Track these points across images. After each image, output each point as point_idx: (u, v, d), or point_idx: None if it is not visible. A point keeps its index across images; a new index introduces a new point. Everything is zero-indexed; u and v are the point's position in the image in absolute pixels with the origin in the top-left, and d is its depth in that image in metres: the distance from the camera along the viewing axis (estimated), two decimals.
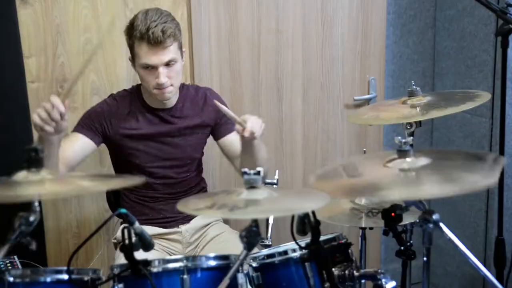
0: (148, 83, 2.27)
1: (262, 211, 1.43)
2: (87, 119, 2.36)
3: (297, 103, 3.21)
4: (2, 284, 1.47)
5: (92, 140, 2.33)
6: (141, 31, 2.18)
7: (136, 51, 2.24)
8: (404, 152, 1.59)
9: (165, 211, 2.45)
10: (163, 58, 2.19)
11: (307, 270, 1.69)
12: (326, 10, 3.16)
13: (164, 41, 2.17)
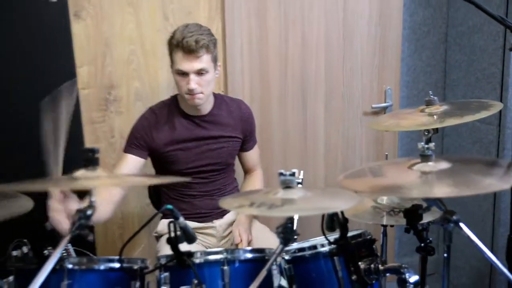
0: (181, 88, 2.28)
1: (298, 210, 1.42)
2: (133, 139, 2.36)
3: (320, 110, 3.21)
4: (61, 270, 1.48)
5: (140, 157, 2.34)
6: (178, 39, 2.20)
7: (173, 57, 2.26)
8: (426, 156, 1.58)
9: (200, 207, 2.45)
10: (194, 66, 2.20)
11: (336, 264, 1.69)
12: (347, 25, 3.16)
13: (196, 51, 2.18)
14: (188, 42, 2.16)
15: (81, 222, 1.35)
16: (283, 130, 3.16)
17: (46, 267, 1.25)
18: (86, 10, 2.74)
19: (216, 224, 2.46)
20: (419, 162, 1.62)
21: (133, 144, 2.34)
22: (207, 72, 2.24)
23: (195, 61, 2.20)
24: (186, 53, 2.19)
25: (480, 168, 1.65)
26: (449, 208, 1.63)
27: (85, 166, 1.42)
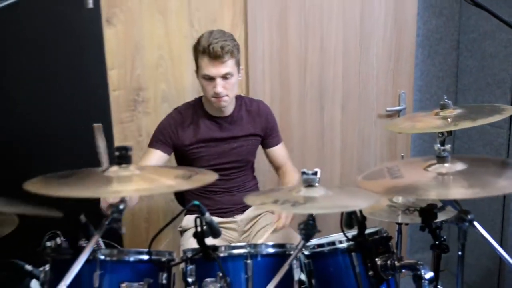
0: (207, 92, 2.28)
1: (319, 207, 1.41)
2: (159, 135, 2.37)
3: (337, 112, 3.20)
4: (94, 261, 1.48)
5: (165, 152, 2.35)
6: (204, 46, 2.20)
7: (199, 63, 2.26)
8: (442, 158, 1.56)
9: (222, 203, 2.44)
10: (220, 70, 2.20)
11: (353, 259, 1.69)
12: (364, 33, 3.15)
13: (222, 56, 2.18)
14: (214, 48, 2.17)
15: (114, 216, 1.35)
16: (301, 130, 3.16)
17: (81, 258, 1.26)
18: (118, 17, 2.76)
19: (237, 219, 2.45)
20: (435, 163, 1.59)
21: (159, 140, 2.35)
22: (231, 76, 2.24)
23: (221, 66, 2.20)
24: (212, 59, 2.19)
25: (495, 170, 1.62)
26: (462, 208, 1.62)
27: (118, 163, 1.42)
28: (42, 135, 2.72)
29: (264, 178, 2.91)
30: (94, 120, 2.75)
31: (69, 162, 2.73)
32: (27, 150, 2.71)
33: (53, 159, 2.74)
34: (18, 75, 2.65)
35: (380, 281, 1.68)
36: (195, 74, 2.38)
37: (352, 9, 3.09)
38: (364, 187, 1.53)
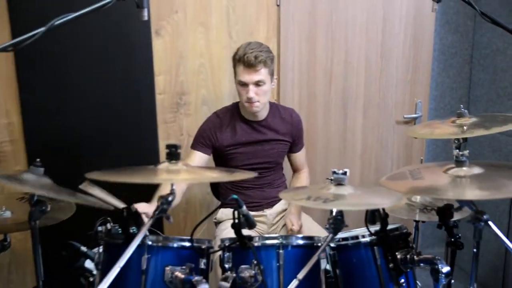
0: (242, 97, 2.28)
1: (348, 205, 1.39)
2: (199, 137, 2.37)
3: (358, 118, 3.17)
4: (143, 246, 1.49)
5: (205, 154, 2.35)
6: (240, 55, 2.21)
7: (236, 70, 2.26)
8: (461, 162, 1.53)
9: (253, 197, 2.43)
10: (253, 78, 2.20)
11: (375, 253, 1.66)
12: (385, 47, 3.11)
13: (255, 65, 2.18)
14: (249, 57, 2.17)
15: (164, 207, 1.35)
16: (326, 134, 3.13)
17: (134, 243, 1.26)
18: (165, 29, 2.78)
19: (267, 213, 2.44)
20: (454, 167, 1.56)
21: (200, 143, 2.35)
22: (264, 83, 2.23)
23: (254, 74, 2.19)
24: (246, 67, 2.19)
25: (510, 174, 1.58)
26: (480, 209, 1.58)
27: (168, 159, 1.42)
28: (96, 133, 2.76)
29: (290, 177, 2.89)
30: (140, 119, 2.82)
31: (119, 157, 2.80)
32: (85, 146, 2.75)
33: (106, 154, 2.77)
34: (78, 79, 2.69)
35: (400, 273, 1.65)
36: (232, 81, 2.37)
37: (374, 26, 3.06)
38: (388, 186, 1.50)
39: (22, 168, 2.72)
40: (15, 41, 1.43)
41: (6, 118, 2.70)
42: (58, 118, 2.70)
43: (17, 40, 1.43)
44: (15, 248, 2.84)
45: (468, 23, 3.40)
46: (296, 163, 2.58)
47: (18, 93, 2.67)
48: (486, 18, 1.98)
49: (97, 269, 1.59)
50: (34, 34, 1.43)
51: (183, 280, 1.44)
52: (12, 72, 2.65)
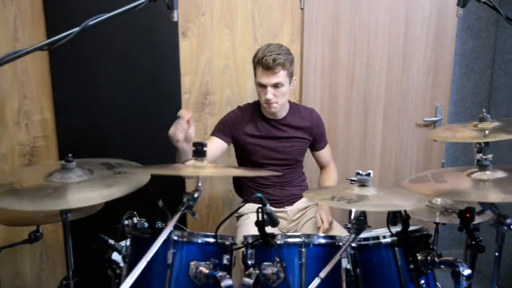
0: (260, 98, 2.28)
1: (372, 205, 1.37)
2: (221, 125, 2.38)
3: (379, 120, 3.12)
4: (169, 241, 1.48)
5: (224, 142, 2.34)
6: (259, 57, 2.20)
7: (255, 72, 2.26)
8: (484, 166, 1.49)
9: (273, 195, 2.41)
10: (271, 80, 2.19)
11: (396, 253, 1.63)
12: (407, 50, 3.06)
13: (273, 68, 2.16)
14: (267, 60, 2.16)
15: (189, 203, 1.35)
16: (346, 135, 3.10)
17: (160, 238, 1.25)
18: (192, 31, 2.78)
19: (287, 209, 2.42)
20: (477, 171, 1.52)
21: (220, 130, 2.35)
22: (282, 85, 2.22)
23: (272, 76, 2.18)
24: (265, 69, 2.19)
25: None
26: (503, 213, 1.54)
27: (195, 157, 1.41)
28: (123, 131, 2.78)
29: (310, 175, 2.87)
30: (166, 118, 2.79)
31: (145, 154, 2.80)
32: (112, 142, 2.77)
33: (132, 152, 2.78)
34: (107, 78, 2.71)
35: (420, 274, 1.62)
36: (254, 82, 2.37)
37: (396, 29, 3.02)
38: (411, 189, 1.47)
39: (54, 161, 2.75)
40: (50, 41, 1.44)
41: (40, 114, 2.73)
42: (88, 116, 2.72)
43: (52, 40, 1.44)
44: (47, 239, 2.88)
45: (490, 29, 3.33)
46: (321, 160, 2.56)
47: (51, 91, 2.70)
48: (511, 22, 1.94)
49: (124, 261, 1.59)
50: (68, 33, 1.44)
51: (208, 275, 1.44)
52: (47, 72, 2.68)
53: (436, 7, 3.03)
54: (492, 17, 3.31)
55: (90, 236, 1.68)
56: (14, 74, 2.67)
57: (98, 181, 1.51)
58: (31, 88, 2.70)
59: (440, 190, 1.50)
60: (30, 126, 2.74)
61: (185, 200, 1.36)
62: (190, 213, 1.38)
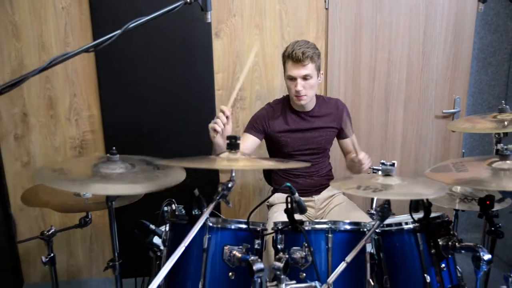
0: (290, 90, 2.23)
1: (397, 194, 1.32)
2: (253, 123, 2.33)
3: (399, 112, 3.03)
4: (204, 227, 1.47)
5: (257, 138, 2.30)
6: (289, 51, 2.16)
7: (285, 66, 2.21)
8: (505, 156, 1.42)
9: (302, 185, 2.36)
10: (301, 72, 2.14)
11: (418, 239, 1.58)
12: (426, 46, 2.95)
13: (303, 60, 2.12)
14: (297, 53, 2.11)
15: (224, 192, 1.33)
16: (368, 126, 3.03)
17: (198, 224, 1.24)
18: (224, 31, 2.76)
19: (315, 198, 2.37)
20: (498, 160, 1.45)
21: (253, 127, 2.31)
22: (311, 77, 2.17)
23: (302, 68, 2.14)
24: (294, 62, 2.14)
25: None
26: None
27: (229, 149, 1.39)
28: (162, 125, 2.79)
29: (335, 164, 2.81)
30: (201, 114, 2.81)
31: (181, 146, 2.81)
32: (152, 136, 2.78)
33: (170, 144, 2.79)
34: (147, 77, 2.72)
35: (441, 259, 1.56)
36: (283, 77, 2.32)
37: (416, 26, 2.91)
38: (433, 178, 1.41)
39: (100, 153, 2.79)
40: (95, 43, 1.43)
41: (88, 111, 2.77)
42: (130, 111, 2.74)
43: (97, 42, 1.43)
44: (96, 224, 2.93)
45: (508, 23, 3.18)
46: (347, 148, 2.45)
47: (98, 90, 2.73)
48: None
49: (164, 245, 1.59)
50: (111, 36, 1.43)
51: (240, 258, 1.42)
52: (93, 72, 2.71)
53: (456, 4, 2.91)
54: (510, 12, 3.16)
55: (133, 221, 1.69)
56: (66, 75, 2.71)
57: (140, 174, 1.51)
58: (80, 87, 2.74)
59: (461, 179, 1.43)
60: (79, 122, 2.78)
61: (220, 189, 1.34)
62: (225, 201, 1.36)
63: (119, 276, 1.72)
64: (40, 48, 2.65)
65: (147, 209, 1.79)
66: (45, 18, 2.63)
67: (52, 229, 1.97)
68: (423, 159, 3.10)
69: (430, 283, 1.55)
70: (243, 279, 1.45)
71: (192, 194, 1.46)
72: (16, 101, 2.71)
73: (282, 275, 1.33)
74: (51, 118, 2.76)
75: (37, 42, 2.64)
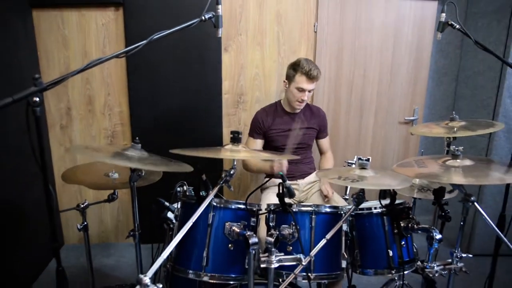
0: (294, 97, 2.12)
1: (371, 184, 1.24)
2: (253, 127, 2.24)
3: (371, 118, 2.95)
4: (209, 205, 1.39)
5: (260, 139, 2.22)
6: (306, 69, 2.04)
7: (297, 79, 2.09)
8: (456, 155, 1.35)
9: (289, 171, 2.26)
10: (310, 86, 2.08)
11: (384, 221, 1.50)
12: (394, 67, 2.87)
13: (315, 78, 2.05)
14: (313, 72, 2.04)
15: (226, 178, 1.25)
16: (346, 130, 2.94)
17: (205, 203, 1.16)
18: (231, 47, 2.67)
19: (299, 182, 2.29)
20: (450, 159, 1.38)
21: (256, 132, 2.22)
22: (312, 90, 2.11)
23: (311, 84, 2.07)
24: (309, 79, 2.05)
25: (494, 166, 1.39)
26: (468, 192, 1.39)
27: (232, 142, 1.31)
28: (178, 121, 2.70)
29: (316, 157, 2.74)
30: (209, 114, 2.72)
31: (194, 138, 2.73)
32: (170, 129, 2.70)
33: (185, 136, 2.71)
34: (166, 81, 2.63)
35: (402, 237, 1.49)
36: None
37: (386, 51, 2.82)
38: (399, 172, 1.34)
39: (128, 143, 2.70)
40: (125, 50, 1.35)
41: (119, 107, 2.68)
42: (153, 108, 2.66)
43: (127, 49, 1.35)
44: (122, 199, 2.85)
45: (456, 51, 3.10)
46: (322, 147, 2.41)
47: (127, 90, 2.64)
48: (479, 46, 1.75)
49: (176, 220, 1.51)
50: (138, 45, 1.35)
51: (239, 233, 1.34)
52: (124, 76, 2.63)
53: (417, 35, 2.83)
54: (459, 42, 3.09)
55: (152, 199, 1.61)
56: (102, 77, 2.63)
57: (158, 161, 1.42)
58: (113, 88, 2.65)
59: (421, 173, 1.36)
60: (112, 116, 2.69)
61: (223, 175, 1.27)
62: (227, 185, 1.28)
63: (138, 243, 1.64)
64: (83, 56, 2.56)
65: (163, 190, 1.72)
66: (88, 32, 2.54)
67: (86, 202, 1.90)
68: (388, 156, 3.03)
69: (392, 257, 1.48)
70: (240, 250, 1.37)
71: (200, 178, 1.38)
72: (62, 97, 2.63)
73: (273, 248, 1.25)
74: (89, 112, 2.67)
75: (81, 51, 2.56)
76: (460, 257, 1.46)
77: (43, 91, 1.15)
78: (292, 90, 2.12)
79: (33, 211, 2.36)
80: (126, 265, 2.60)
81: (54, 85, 1.20)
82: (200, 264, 1.35)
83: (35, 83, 1.14)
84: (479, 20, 2.82)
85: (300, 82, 2.08)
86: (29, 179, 2.33)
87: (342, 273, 1.46)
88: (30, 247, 2.35)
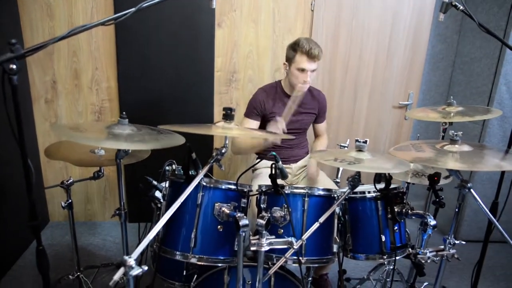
0: (298, 79, 2.00)
1: (368, 167, 1.19)
2: (251, 107, 2.13)
3: (365, 101, 2.88)
4: (199, 185, 1.32)
5: (256, 120, 2.12)
6: (306, 48, 1.92)
7: (297, 59, 1.97)
8: (455, 141, 1.30)
9: (283, 154, 2.22)
10: (312, 66, 1.95)
11: (378, 205, 1.45)
12: (390, 50, 2.79)
13: (316, 57, 1.93)
14: (313, 51, 1.91)
15: (217, 157, 1.18)
16: (339, 111, 2.87)
17: (194, 182, 1.10)
18: (225, 22, 2.55)
19: (292, 166, 2.24)
20: (448, 143, 1.33)
21: (253, 113, 2.12)
22: (315, 70, 1.99)
23: (313, 63, 1.95)
24: (309, 58, 1.93)
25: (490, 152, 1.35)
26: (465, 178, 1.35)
27: (224, 119, 1.24)
28: (168, 98, 2.60)
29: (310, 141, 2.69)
30: (203, 89, 2.63)
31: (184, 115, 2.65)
32: (160, 105, 2.60)
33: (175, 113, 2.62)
34: (157, 56, 2.52)
35: (395, 222, 1.46)
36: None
37: (384, 33, 2.74)
38: (396, 155, 1.29)
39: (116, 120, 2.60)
40: (112, 17, 1.25)
41: (107, 82, 2.57)
42: (142, 84, 2.55)
43: (114, 16, 1.25)
44: (109, 176, 2.77)
45: (454, 36, 3.04)
46: (318, 131, 2.34)
47: (116, 65, 2.53)
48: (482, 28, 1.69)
49: (164, 199, 1.44)
50: (127, 12, 1.26)
51: (228, 214, 1.28)
52: (113, 50, 2.51)
53: (416, 18, 2.74)
54: (457, 27, 3.02)
55: (140, 177, 1.54)
56: (89, 51, 2.50)
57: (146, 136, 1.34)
58: (101, 61, 2.53)
59: (419, 157, 1.31)
60: (99, 91, 2.58)
61: (214, 154, 1.20)
62: (218, 165, 1.21)
63: (124, 222, 1.58)
64: (70, 27, 2.41)
65: (152, 168, 1.64)
66: (75, 1, 2.39)
67: (71, 179, 1.82)
68: (380, 140, 2.99)
69: (384, 242, 1.45)
70: (229, 231, 1.32)
71: (190, 157, 1.31)
72: (47, 70, 2.50)
73: (263, 230, 1.20)
74: (75, 87, 2.55)
75: (67, 22, 2.42)
76: (453, 243, 1.43)
77: (21, 58, 1.05)
78: (293, 72, 2.00)
79: (17, 187, 2.27)
80: (112, 244, 2.54)
81: (33, 52, 1.11)
82: (188, 245, 1.30)
83: (11, 48, 1.04)
84: (479, 5, 2.75)
85: (301, 62, 1.96)
86: (11, 155, 2.23)
87: (333, 258, 1.42)
88: (14, 225, 2.27)
